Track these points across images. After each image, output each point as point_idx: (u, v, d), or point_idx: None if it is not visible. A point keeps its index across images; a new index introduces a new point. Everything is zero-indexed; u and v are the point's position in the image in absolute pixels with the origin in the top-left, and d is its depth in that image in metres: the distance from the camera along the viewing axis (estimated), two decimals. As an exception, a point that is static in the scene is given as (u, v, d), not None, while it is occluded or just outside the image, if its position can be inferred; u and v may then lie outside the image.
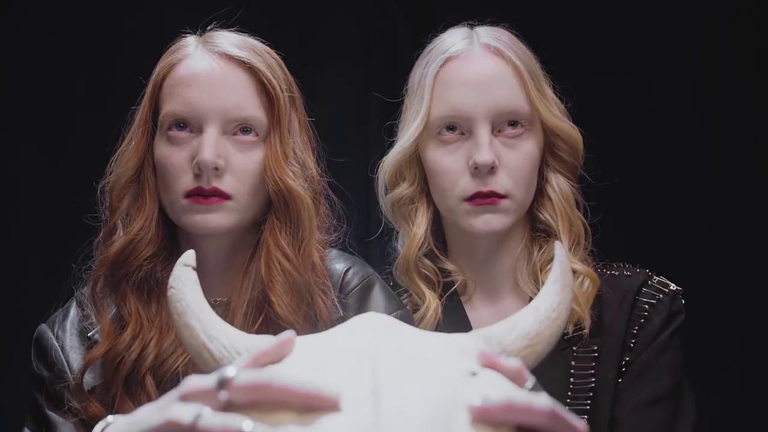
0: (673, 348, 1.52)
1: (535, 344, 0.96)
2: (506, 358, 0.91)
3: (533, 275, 1.58)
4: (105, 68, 2.14)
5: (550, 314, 0.98)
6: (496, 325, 0.98)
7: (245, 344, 0.94)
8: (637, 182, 2.08)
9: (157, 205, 1.41)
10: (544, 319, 0.98)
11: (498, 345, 0.95)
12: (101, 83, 2.14)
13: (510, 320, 0.98)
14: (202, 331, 0.95)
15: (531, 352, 0.96)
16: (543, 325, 0.97)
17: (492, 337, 0.96)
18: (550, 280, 1.00)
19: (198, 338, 0.94)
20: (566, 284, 1.00)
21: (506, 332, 0.97)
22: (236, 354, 0.93)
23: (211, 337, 0.94)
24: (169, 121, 1.38)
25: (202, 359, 0.95)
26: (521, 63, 1.53)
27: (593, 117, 1.62)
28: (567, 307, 0.99)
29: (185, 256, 1.02)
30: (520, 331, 0.97)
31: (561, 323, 0.99)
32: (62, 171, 2.14)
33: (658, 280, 1.58)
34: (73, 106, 2.15)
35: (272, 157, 1.38)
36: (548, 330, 0.97)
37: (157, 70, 1.43)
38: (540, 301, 0.99)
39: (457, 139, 1.53)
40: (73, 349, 1.39)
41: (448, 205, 1.55)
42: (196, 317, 0.95)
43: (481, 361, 0.89)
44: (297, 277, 1.36)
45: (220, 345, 0.94)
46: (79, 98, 2.16)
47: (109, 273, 1.38)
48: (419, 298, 1.60)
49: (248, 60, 1.39)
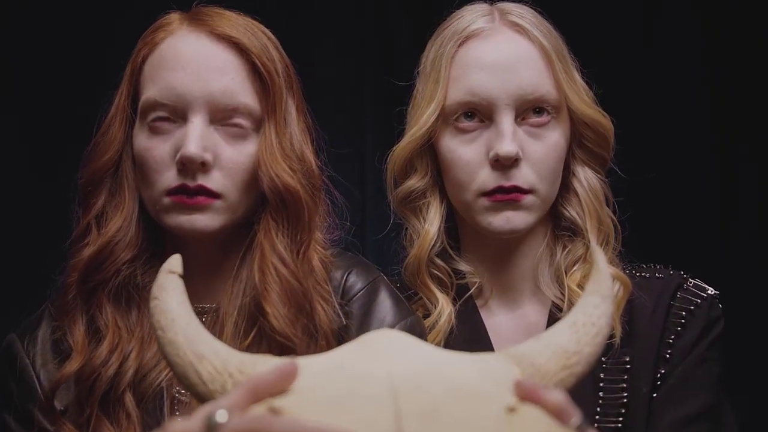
0: (712, 359, 1.42)
1: (573, 365, 0.88)
2: (548, 389, 0.80)
3: (556, 278, 1.48)
4: (82, 48, 2.01)
5: (589, 330, 0.89)
6: (528, 344, 0.89)
7: (239, 365, 0.85)
8: (670, 177, 1.97)
9: (137, 203, 1.29)
10: (582, 336, 0.89)
11: (531, 367, 0.87)
12: (79, 63, 2.01)
13: (543, 337, 0.90)
14: (189, 348, 0.86)
15: (569, 374, 0.88)
16: (582, 342, 0.89)
17: (524, 357, 0.87)
18: (588, 290, 0.93)
19: (184, 357, 0.86)
20: (606, 295, 0.92)
21: (540, 352, 0.88)
22: (228, 376, 0.84)
23: (200, 355, 0.86)
24: (150, 109, 1.26)
25: (189, 381, 0.86)
26: (548, 43, 1.42)
27: (622, 104, 1.51)
28: (608, 322, 0.92)
29: (170, 261, 0.92)
30: (556, 350, 0.89)
31: (601, 340, 0.90)
32: (33, 163, 2.00)
33: (694, 283, 1.47)
34: (42, 87, 2.02)
35: (267, 150, 1.26)
36: (588, 348, 0.88)
37: (136, 49, 1.30)
38: (577, 314, 0.91)
39: (476, 128, 1.42)
40: (44, 363, 1.27)
41: (465, 200, 1.44)
42: (183, 332, 0.87)
43: (518, 392, 0.79)
44: (295, 285, 1.24)
45: (209, 365, 0.86)
46: (49, 79, 2.02)
47: (83, 279, 1.26)
48: (430, 302, 1.49)
49: (239, 40, 1.27)
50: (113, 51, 1.38)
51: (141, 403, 1.21)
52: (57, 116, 1.97)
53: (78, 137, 1.34)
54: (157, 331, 0.89)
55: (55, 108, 1.99)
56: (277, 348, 1.19)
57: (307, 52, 2.01)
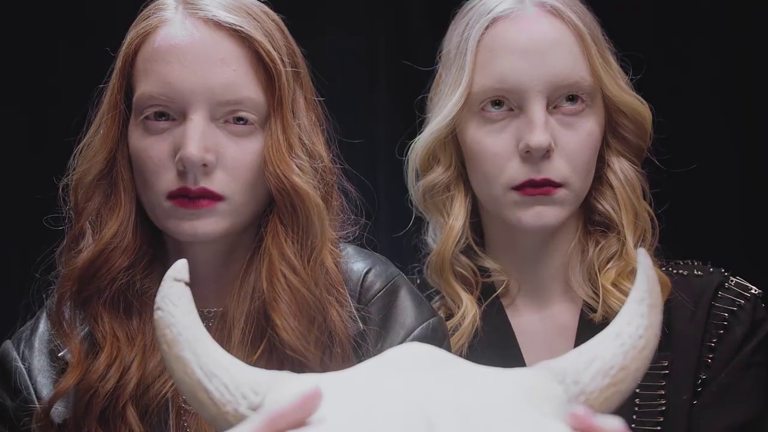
0: (757, 364, 1.36)
1: (619, 382, 0.82)
2: (604, 418, 0.74)
3: (588, 276, 1.41)
4: (72, 37, 1.92)
5: (635, 343, 0.83)
6: (568, 357, 0.83)
7: (253, 384, 0.80)
8: (710, 166, 1.86)
9: (134, 205, 1.20)
10: (629, 349, 0.82)
11: (575, 385, 0.81)
12: (69, 54, 1.92)
13: (585, 351, 0.83)
14: (197, 365, 0.80)
15: (615, 391, 0.82)
16: (628, 357, 0.82)
17: (566, 374, 0.81)
18: (633, 298, 0.86)
19: (192, 375, 0.80)
20: (654, 304, 0.85)
21: (583, 368, 0.82)
22: (241, 397, 0.79)
23: (210, 374, 0.80)
24: (145, 105, 1.17)
25: (198, 401, 0.80)
26: (583, 25, 1.34)
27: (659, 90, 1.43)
28: (656, 333, 0.84)
29: (175, 268, 0.85)
30: (601, 366, 0.82)
31: (649, 353, 0.83)
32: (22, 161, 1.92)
33: (736, 282, 1.40)
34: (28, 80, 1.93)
35: (273, 147, 1.17)
36: (635, 363, 0.82)
37: (128, 40, 1.20)
38: (622, 325, 0.84)
39: (505, 116, 1.34)
40: (41, 372, 1.20)
41: (492, 194, 1.36)
42: (191, 348, 0.81)
43: (572, 423, 0.73)
44: (306, 295, 1.15)
45: (221, 385, 0.80)
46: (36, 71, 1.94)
47: (77, 289, 1.18)
48: (454, 302, 1.42)
49: (241, 27, 1.17)
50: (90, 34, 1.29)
51: (145, 416, 1.14)
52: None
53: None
54: (162, 346, 0.82)
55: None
56: (288, 361, 1.12)
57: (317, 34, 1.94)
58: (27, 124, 1.94)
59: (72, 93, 1.30)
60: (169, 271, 0.85)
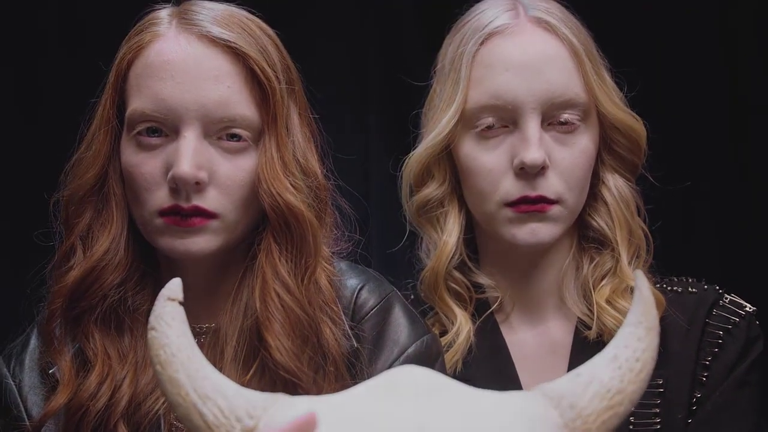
0: (752, 383, 1.34)
1: (616, 405, 0.82)
2: None
3: (583, 292, 1.40)
4: (66, 50, 1.90)
5: (632, 366, 0.83)
6: (565, 380, 0.83)
7: (247, 407, 0.80)
8: (703, 183, 1.86)
9: (126, 221, 1.19)
10: (626, 372, 0.83)
11: (571, 410, 0.81)
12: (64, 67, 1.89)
13: (582, 373, 0.83)
14: (192, 387, 0.81)
15: (612, 414, 0.82)
16: (625, 380, 0.82)
17: (563, 398, 0.81)
18: (630, 320, 0.86)
19: (187, 397, 0.81)
20: (651, 327, 0.86)
21: (580, 391, 0.82)
22: (236, 420, 0.79)
23: (204, 396, 0.80)
24: (138, 121, 1.15)
25: (192, 423, 0.81)
26: (577, 41, 1.33)
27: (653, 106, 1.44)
28: (653, 356, 0.84)
29: (169, 287, 0.85)
30: (598, 390, 0.82)
31: (646, 376, 0.84)
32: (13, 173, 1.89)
33: (731, 299, 1.39)
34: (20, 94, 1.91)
35: (267, 165, 1.15)
36: (632, 386, 0.82)
37: (120, 54, 1.19)
38: (619, 347, 0.84)
39: (500, 133, 1.33)
40: (32, 389, 1.18)
41: (486, 210, 1.35)
42: (185, 369, 0.82)
43: None
44: (300, 315, 1.14)
45: (215, 408, 0.80)
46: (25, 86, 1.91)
47: (67, 306, 1.16)
48: (448, 318, 1.40)
49: (235, 44, 1.15)
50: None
51: None
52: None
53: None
54: (156, 367, 0.82)
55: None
56: (281, 381, 1.10)
57: (310, 48, 1.92)
58: (19, 137, 1.92)
59: (63, 105, 1.29)
60: (163, 290, 0.85)
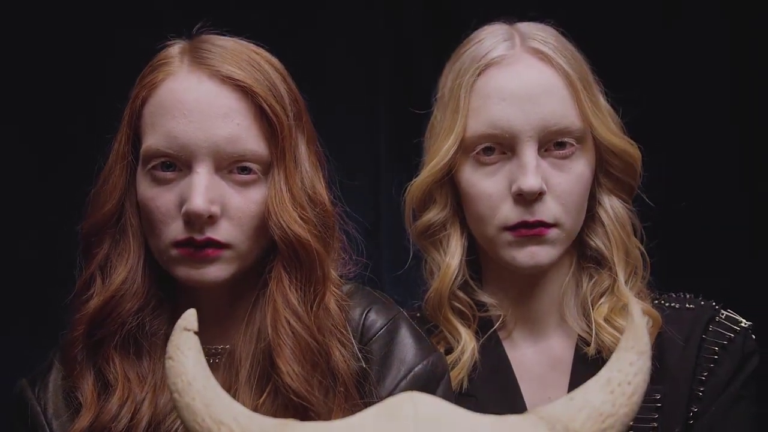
0: (747, 397, 1.37)
1: (609, 427, 0.85)
2: None
3: (582, 310, 1.43)
4: (91, 85, 1.94)
5: (624, 389, 0.86)
6: (559, 404, 0.86)
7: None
8: (699, 202, 1.88)
9: (143, 250, 1.23)
10: (618, 397, 0.85)
11: (565, 431, 0.83)
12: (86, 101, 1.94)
13: (576, 397, 0.86)
14: (207, 414, 0.85)
15: None
16: (617, 404, 0.85)
17: (558, 421, 0.84)
18: (623, 346, 0.89)
19: (203, 423, 0.85)
20: (643, 351, 0.88)
21: (573, 414, 0.84)
22: None
23: (219, 422, 0.84)
24: (152, 157, 1.20)
25: None
26: (572, 70, 1.36)
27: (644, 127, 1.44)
28: (645, 379, 0.88)
29: (185, 318, 0.89)
30: (591, 413, 0.85)
31: (638, 399, 0.87)
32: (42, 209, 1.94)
33: (727, 315, 1.41)
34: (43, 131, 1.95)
35: (276, 198, 1.20)
36: (623, 409, 0.85)
37: (135, 92, 1.23)
38: (612, 371, 0.87)
39: (498, 160, 1.36)
40: (56, 412, 1.22)
41: (487, 234, 1.38)
42: (201, 397, 0.86)
43: None
44: (310, 342, 1.18)
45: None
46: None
47: (88, 333, 1.21)
48: (453, 337, 1.43)
49: (244, 82, 1.19)
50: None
51: None
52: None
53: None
54: (173, 394, 0.86)
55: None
56: (292, 405, 1.14)
57: (318, 72, 1.96)
58: (39, 172, 1.96)
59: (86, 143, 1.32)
60: (179, 321, 0.89)
